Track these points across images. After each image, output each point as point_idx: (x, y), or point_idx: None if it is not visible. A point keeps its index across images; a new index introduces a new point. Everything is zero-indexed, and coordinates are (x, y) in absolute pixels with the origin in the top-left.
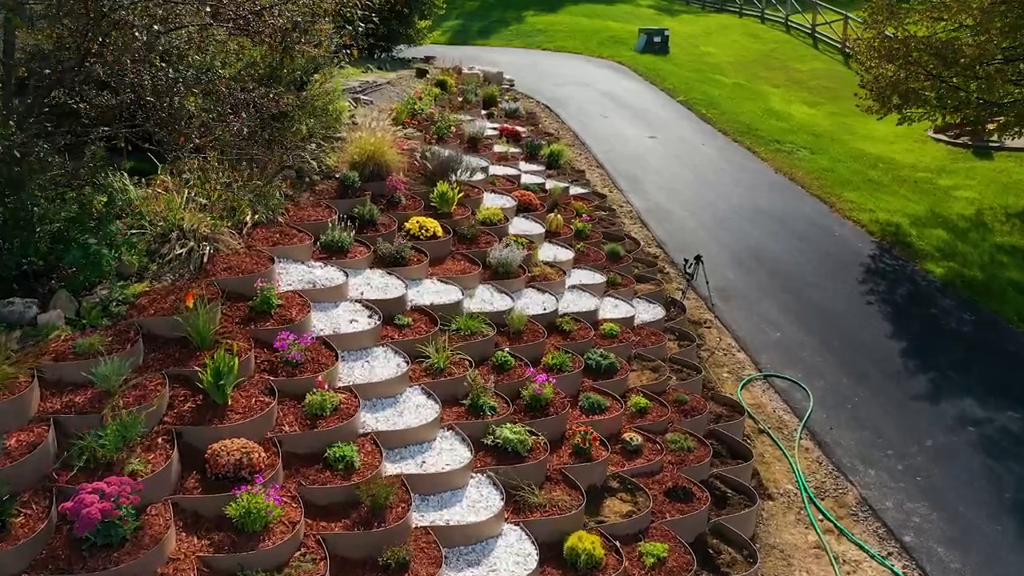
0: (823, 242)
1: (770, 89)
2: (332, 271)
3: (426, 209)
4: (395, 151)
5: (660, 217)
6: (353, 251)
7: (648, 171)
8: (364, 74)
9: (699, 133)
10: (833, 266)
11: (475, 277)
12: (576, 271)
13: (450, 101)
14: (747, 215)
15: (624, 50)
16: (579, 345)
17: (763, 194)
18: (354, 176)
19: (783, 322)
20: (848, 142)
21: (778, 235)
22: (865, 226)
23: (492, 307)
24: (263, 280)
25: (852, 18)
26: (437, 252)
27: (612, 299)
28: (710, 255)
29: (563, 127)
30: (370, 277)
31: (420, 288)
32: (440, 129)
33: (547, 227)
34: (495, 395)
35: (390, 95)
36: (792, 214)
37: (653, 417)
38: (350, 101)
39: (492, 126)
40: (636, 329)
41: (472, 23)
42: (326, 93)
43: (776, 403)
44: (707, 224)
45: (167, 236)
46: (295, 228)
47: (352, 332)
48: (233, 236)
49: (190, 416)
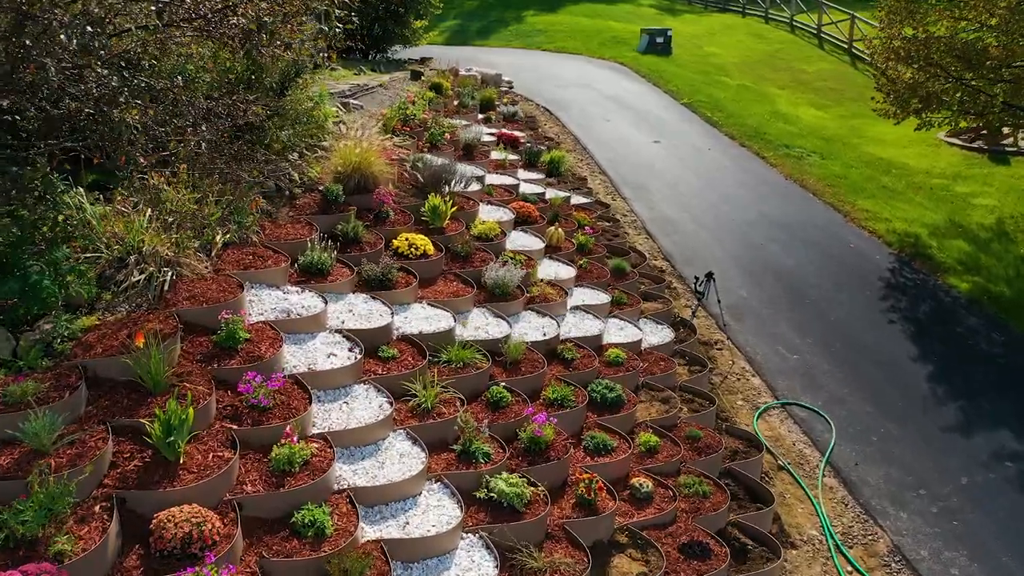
0: (839, 254)
1: (776, 91)
2: (310, 297)
3: (416, 224)
4: (383, 161)
5: (666, 227)
6: (334, 273)
7: (653, 178)
8: (356, 76)
9: (705, 137)
10: (851, 280)
11: (469, 300)
12: (578, 290)
13: (445, 105)
14: (758, 225)
15: (626, 51)
16: (582, 376)
17: (774, 202)
18: (337, 189)
19: (800, 343)
20: (859, 146)
21: (791, 247)
22: (882, 236)
23: (487, 334)
24: (229, 311)
25: (859, 18)
26: (428, 272)
27: (617, 321)
28: (720, 268)
29: (564, 131)
30: (352, 303)
31: (408, 314)
32: (433, 136)
33: (547, 241)
34: (489, 438)
35: (382, 99)
36: (805, 224)
37: (664, 457)
38: (338, 106)
39: (489, 131)
40: (644, 354)
41: (470, 23)
42: (308, 99)
43: (795, 435)
44: (716, 234)
45: (124, 261)
46: (271, 248)
47: (329, 369)
48: (200, 259)
49: (135, 477)
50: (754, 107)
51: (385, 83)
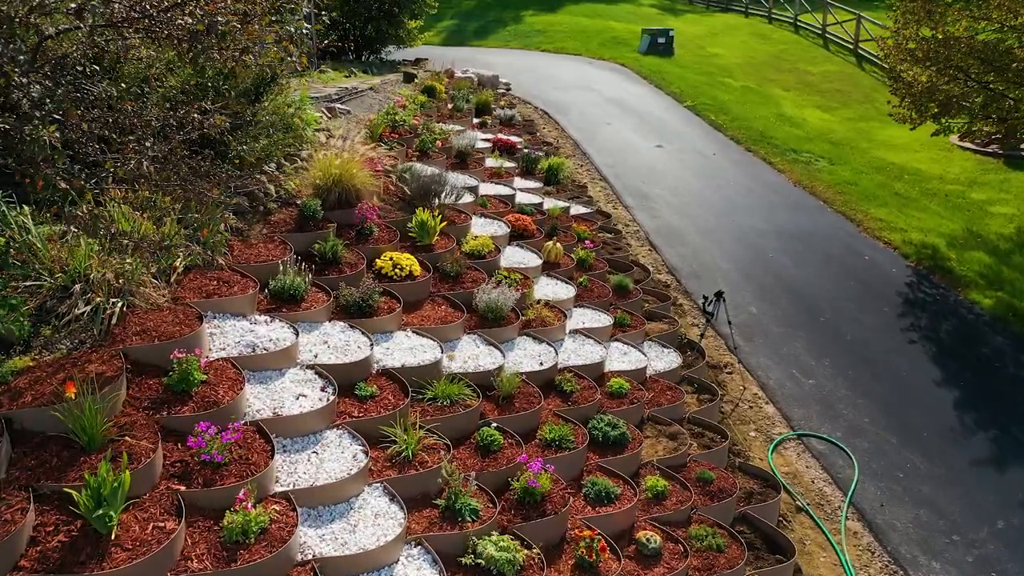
0: (853, 267)
1: (781, 93)
2: (279, 328)
3: (403, 241)
4: (367, 172)
5: (671, 238)
6: (309, 299)
7: (656, 185)
8: (347, 79)
9: (709, 141)
10: (867, 296)
11: (458, 326)
12: (578, 311)
13: (438, 109)
14: (767, 235)
15: (627, 51)
16: (582, 411)
17: (783, 211)
18: (315, 205)
19: (815, 366)
20: (868, 151)
21: (803, 259)
22: (898, 248)
23: (478, 364)
24: (183, 349)
25: (866, 18)
26: (414, 295)
27: (620, 345)
28: (728, 283)
29: (563, 135)
30: (328, 332)
31: (390, 344)
32: (424, 143)
33: (544, 257)
34: (478, 490)
35: (371, 103)
36: (816, 234)
37: (673, 504)
38: (322, 112)
39: (484, 137)
40: (649, 382)
41: (468, 23)
42: (287, 105)
43: (814, 471)
44: (723, 245)
45: (69, 290)
46: (239, 272)
47: (298, 413)
48: (156, 287)
49: (58, 556)
50: (759, 110)
51: (376, 86)
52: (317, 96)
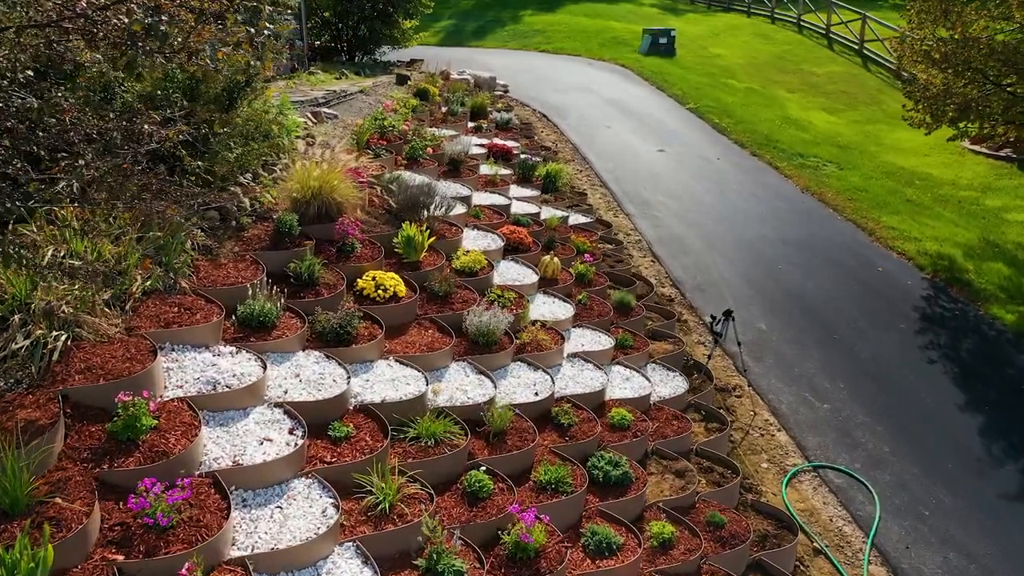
0: (867, 279)
1: (786, 94)
2: (246, 361)
3: (388, 257)
4: (350, 184)
5: (674, 248)
6: (281, 326)
7: (658, 191)
8: (337, 81)
9: (713, 145)
10: (882, 311)
11: (446, 353)
12: (577, 331)
13: (431, 113)
14: (775, 245)
15: (627, 52)
16: (581, 447)
17: (791, 219)
18: (291, 220)
19: (830, 388)
20: (877, 155)
21: (814, 270)
22: (912, 259)
23: (466, 397)
24: (128, 392)
25: (871, 18)
26: (398, 319)
27: (622, 369)
28: (735, 297)
29: (562, 139)
30: (301, 364)
31: (370, 375)
32: (414, 149)
33: (541, 273)
34: (463, 547)
35: (360, 107)
36: (826, 243)
37: (681, 554)
38: (307, 117)
39: (479, 142)
40: (653, 410)
41: (466, 23)
42: (264, 111)
43: (832, 508)
44: (729, 256)
45: (7, 322)
46: (204, 296)
47: (261, 463)
48: (109, 316)
49: None
50: (764, 112)
51: (367, 88)
52: (302, 100)
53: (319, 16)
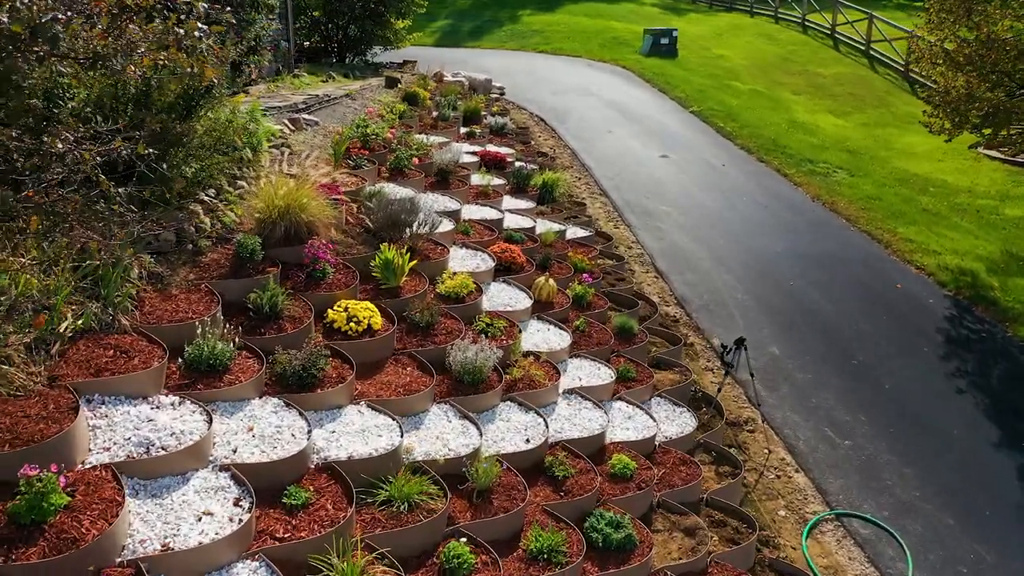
0: (885, 297)
1: (791, 97)
2: (189, 414)
3: (365, 282)
4: (322, 201)
5: (679, 263)
6: (235, 369)
7: (662, 200)
8: (323, 84)
9: (718, 150)
10: (903, 333)
11: (426, 396)
12: (574, 362)
13: (420, 119)
14: (786, 259)
15: (628, 53)
16: (578, 504)
17: (802, 230)
18: (253, 243)
19: (851, 422)
20: (888, 160)
21: (827, 287)
22: (933, 274)
23: (447, 449)
24: (37, 463)
25: (878, 17)
26: (373, 355)
27: (624, 406)
28: (745, 317)
29: (560, 145)
30: (256, 415)
31: (337, 424)
32: (399, 159)
33: (536, 296)
34: None
35: (344, 112)
36: (840, 257)
37: None
38: (284, 125)
39: (471, 149)
40: (659, 453)
41: (463, 23)
42: (227, 121)
43: (859, 564)
44: (738, 272)
45: None
46: (146, 335)
47: (197, 545)
48: (27, 363)
49: None
50: (770, 115)
51: (354, 92)
52: (280, 106)
53: (308, 16)
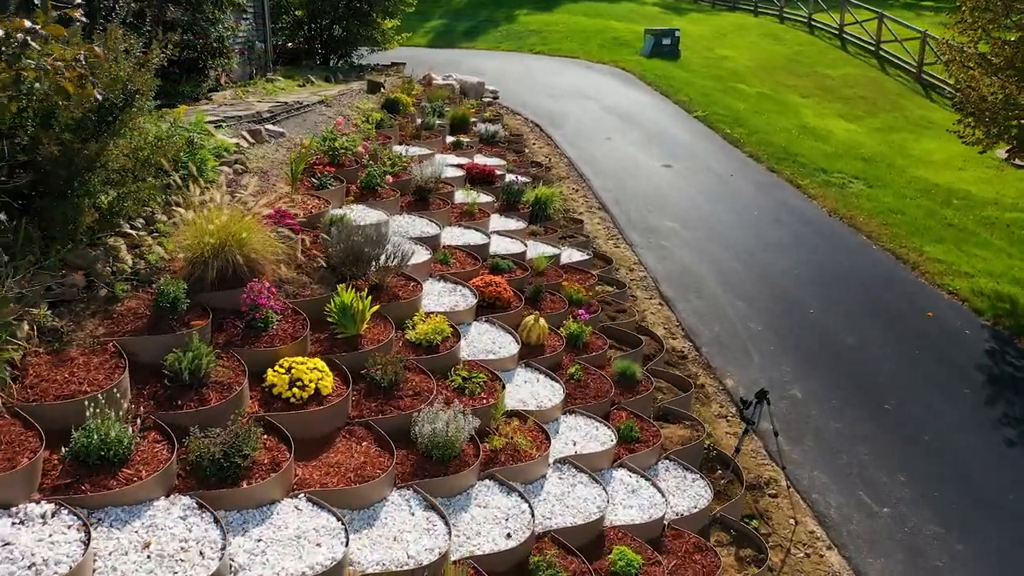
0: (916, 328)
1: (800, 100)
2: (61, 531)
3: (318, 331)
4: (268, 233)
5: (686, 287)
6: (136, 460)
7: (666, 214)
8: (301, 88)
9: (725, 159)
10: (939, 370)
11: (383, 482)
12: (568, 420)
13: (402, 128)
14: (803, 283)
15: (629, 54)
16: None
17: (820, 248)
18: (175, 291)
19: (888, 484)
20: (906, 169)
21: (853, 316)
22: (967, 300)
23: (407, 556)
24: None
25: (889, 16)
26: (320, 428)
27: (626, 476)
28: (761, 353)
29: (556, 153)
30: (158, 522)
31: (266, 529)
32: (371, 177)
33: (524, 338)
34: None
35: (317, 121)
36: (863, 280)
37: None
38: (243, 137)
39: (457, 162)
40: (668, 536)
41: (457, 23)
42: (157, 138)
43: None
44: (751, 298)
45: None
46: (21, 417)
47: None
48: None
49: None
50: (778, 120)
51: (330, 98)
52: (241, 115)
53: (290, 15)
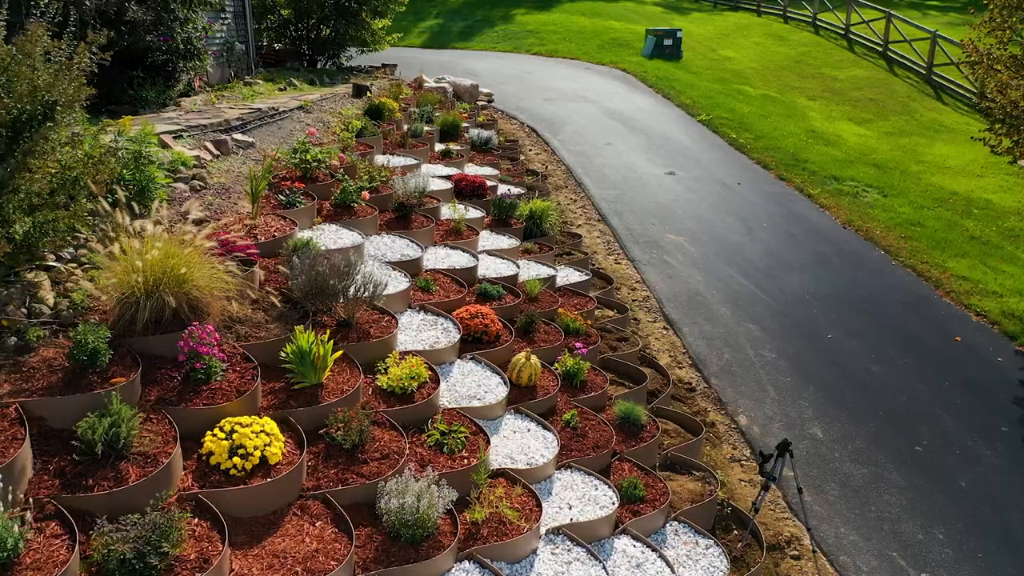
0: (944, 354)
1: (806, 103)
2: None
3: (272, 380)
4: (216, 266)
5: (693, 310)
6: (23, 566)
7: (670, 227)
8: (281, 92)
9: (732, 166)
10: (973, 404)
11: (340, 574)
12: (563, 477)
13: (386, 135)
14: (820, 303)
15: (629, 55)
16: None
17: (835, 265)
18: (95, 340)
19: (925, 541)
20: (920, 175)
21: (875, 342)
22: (997, 322)
23: None
24: None
25: (897, 16)
26: (266, 506)
27: (630, 545)
28: (777, 385)
29: (553, 160)
30: None
31: None
32: (346, 194)
33: (513, 378)
34: None
35: (293, 129)
36: (884, 300)
37: None
38: (205, 149)
39: (445, 173)
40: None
41: (453, 23)
42: (87, 157)
43: None
44: (764, 321)
45: None
46: None
47: None
48: None
49: None
50: (785, 124)
51: (309, 103)
52: (207, 124)
53: (276, 15)
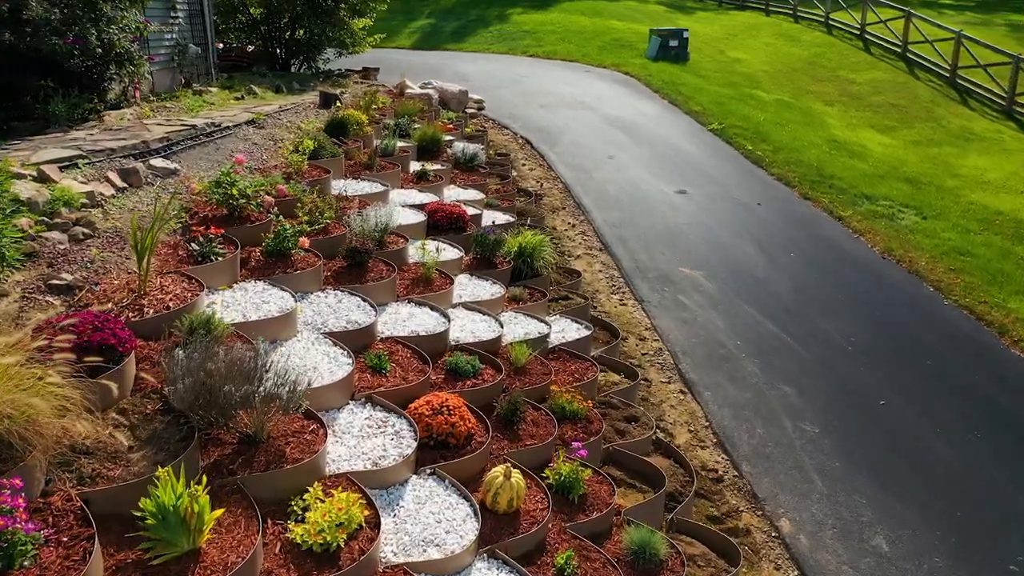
0: (1022, 423)
1: (824, 108)
2: None
3: (125, 548)
4: (64, 366)
5: (715, 366)
6: None
7: (683, 258)
8: (238, 102)
9: (749, 183)
10: None
11: None
12: None
13: (350, 155)
14: (867, 358)
15: (632, 56)
16: None
17: (878, 306)
18: None
19: None
20: (958, 192)
21: (939, 410)
22: None
23: None
24: None
25: (917, 15)
26: None
27: None
28: (824, 473)
29: (549, 177)
30: None
31: None
32: (280, 240)
33: (487, 503)
34: None
35: (234, 150)
36: (942, 354)
37: None
38: (105, 182)
39: (418, 201)
40: None
41: (446, 23)
42: None
43: None
44: (801, 384)
45: None
46: None
47: None
48: None
49: None
50: (805, 133)
51: (263, 116)
52: (117, 147)
53: (246, 13)
